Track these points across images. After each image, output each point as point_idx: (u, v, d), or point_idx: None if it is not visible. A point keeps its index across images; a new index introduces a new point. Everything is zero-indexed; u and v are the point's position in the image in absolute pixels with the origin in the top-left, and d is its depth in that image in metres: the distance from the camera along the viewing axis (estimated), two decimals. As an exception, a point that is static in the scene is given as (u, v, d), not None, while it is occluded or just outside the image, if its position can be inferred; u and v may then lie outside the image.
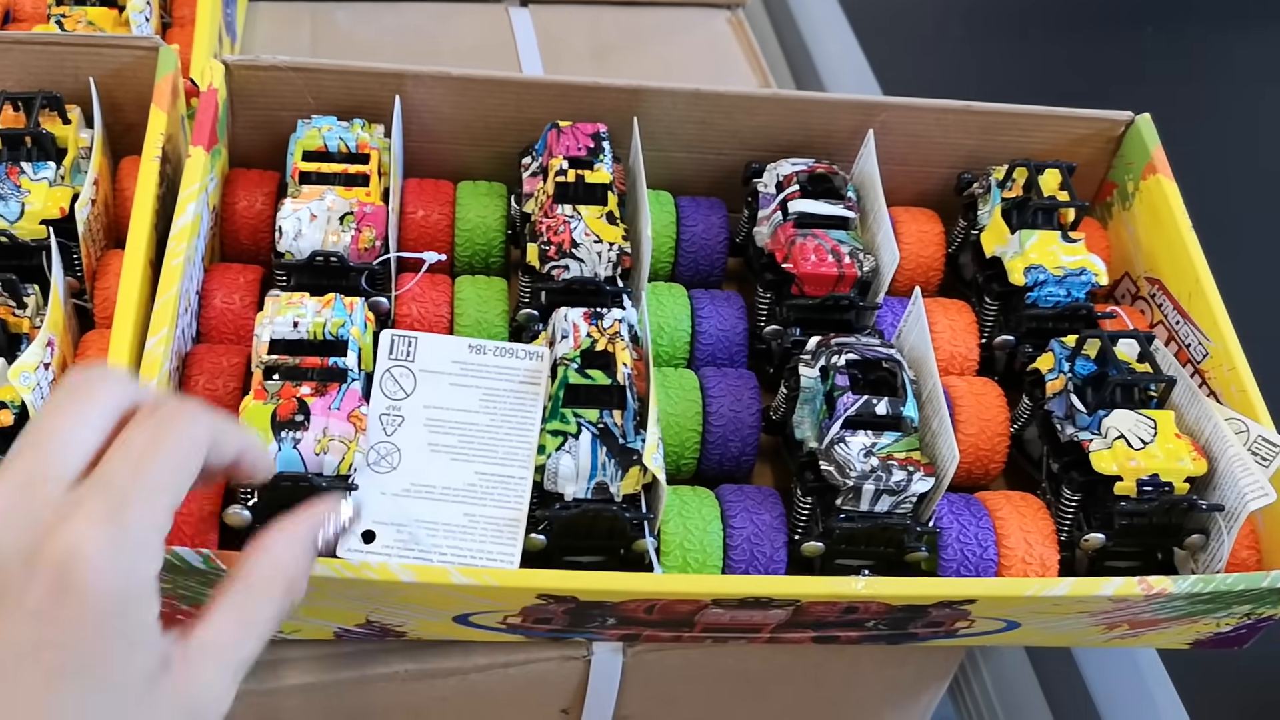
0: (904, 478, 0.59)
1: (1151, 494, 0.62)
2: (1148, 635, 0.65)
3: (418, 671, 0.62)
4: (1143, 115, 0.78)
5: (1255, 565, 0.64)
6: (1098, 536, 0.63)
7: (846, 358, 0.62)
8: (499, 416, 0.59)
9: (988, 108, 0.77)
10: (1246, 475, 0.61)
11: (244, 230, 0.71)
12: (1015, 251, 0.72)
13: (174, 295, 0.59)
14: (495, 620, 0.58)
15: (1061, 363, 0.67)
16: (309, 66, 0.71)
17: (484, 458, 0.58)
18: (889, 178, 0.79)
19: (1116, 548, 0.64)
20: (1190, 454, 0.62)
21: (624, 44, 1.06)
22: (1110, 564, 0.65)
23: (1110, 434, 0.63)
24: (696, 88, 0.74)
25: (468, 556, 0.56)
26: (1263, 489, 0.60)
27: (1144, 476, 0.62)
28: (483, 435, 0.59)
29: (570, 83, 0.74)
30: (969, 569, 0.62)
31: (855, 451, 0.60)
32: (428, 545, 0.56)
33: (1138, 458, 0.62)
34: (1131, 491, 0.62)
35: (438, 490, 0.58)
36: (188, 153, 0.64)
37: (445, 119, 0.74)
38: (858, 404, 0.61)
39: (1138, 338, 0.66)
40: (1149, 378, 0.65)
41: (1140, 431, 0.63)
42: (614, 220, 0.68)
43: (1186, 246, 0.72)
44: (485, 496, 0.58)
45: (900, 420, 0.61)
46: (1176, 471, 0.62)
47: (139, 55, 0.70)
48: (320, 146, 0.68)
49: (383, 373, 0.60)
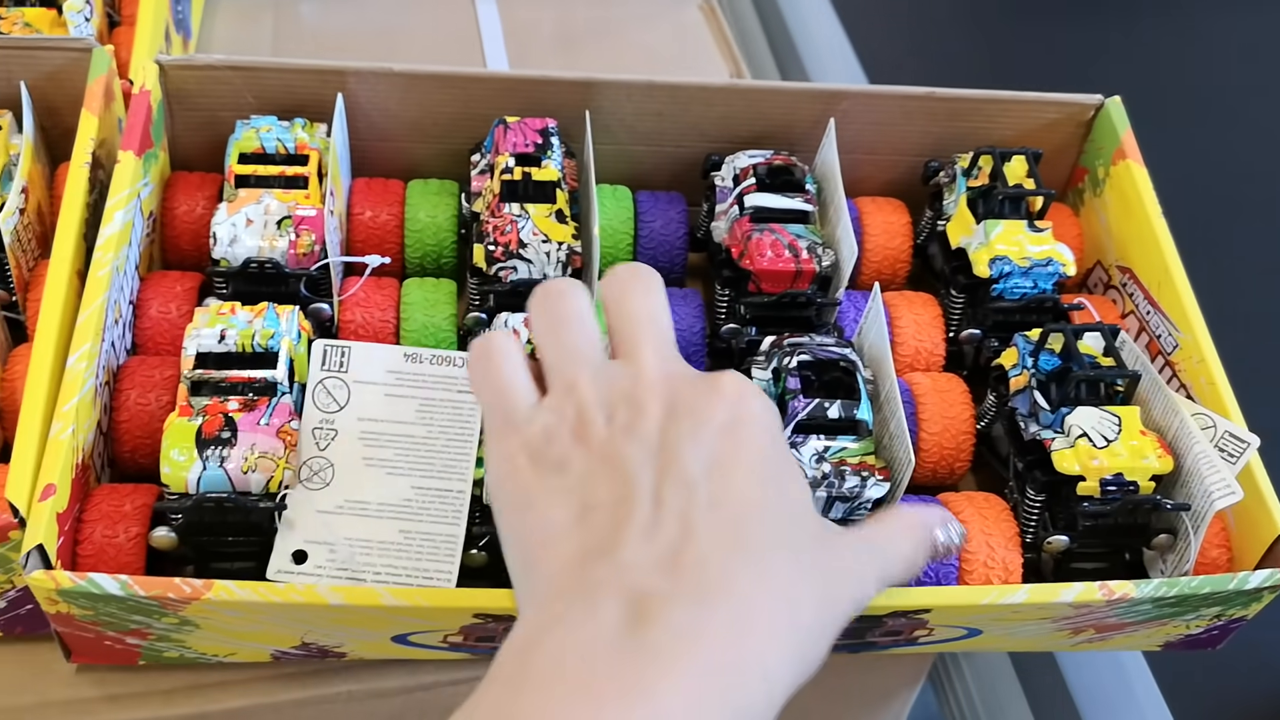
0: (857, 484, 0.57)
1: (1115, 494, 0.60)
2: (1116, 639, 0.63)
3: (361, 692, 0.60)
4: (1113, 98, 0.76)
5: (1226, 565, 0.62)
6: (1061, 538, 0.61)
7: (799, 359, 0.60)
8: (436, 428, 0.57)
9: (952, 94, 0.75)
10: (1213, 473, 0.59)
11: (185, 236, 0.69)
12: (980, 242, 0.69)
13: (99, 307, 0.57)
14: (436, 639, 0.56)
15: (1025, 358, 0.64)
16: (247, 65, 0.69)
17: (421, 471, 0.56)
18: (855, 167, 0.77)
19: (1082, 549, 0.62)
20: (1156, 451, 0.60)
21: (592, 34, 1.03)
22: (1076, 566, 0.63)
23: (1073, 432, 0.61)
24: (651, 79, 0.72)
25: (403, 575, 0.54)
26: (1229, 487, 0.58)
27: (1107, 476, 0.60)
28: (419, 448, 0.57)
29: (520, 76, 0.71)
30: (929, 576, 0.60)
31: (807, 457, 0.58)
32: (361, 565, 0.54)
33: (1101, 456, 0.60)
34: (1095, 491, 0.60)
35: (373, 506, 0.56)
36: (117, 158, 0.62)
37: (393, 116, 0.72)
38: (809, 407, 0.58)
39: (1102, 331, 0.64)
40: (1113, 373, 0.62)
41: (1104, 429, 0.61)
42: (563, 218, 0.65)
43: (1156, 234, 0.70)
44: (422, 512, 0.56)
45: (855, 424, 0.59)
46: (1141, 470, 0.60)
47: (73, 57, 0.68)
48: (258, 148, 0.66)
49: (315, 385, 0.58)
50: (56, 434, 0.52)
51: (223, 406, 0.55)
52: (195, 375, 0.55)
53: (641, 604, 0.37)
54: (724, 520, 0.40)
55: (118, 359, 0.61)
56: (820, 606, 0.40)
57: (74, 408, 0.53)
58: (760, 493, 0.41)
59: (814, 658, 0.40)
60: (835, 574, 0.42)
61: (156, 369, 0.61)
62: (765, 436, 0.42)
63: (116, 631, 0.54)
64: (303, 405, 0.58)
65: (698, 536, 0.39)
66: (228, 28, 0.98)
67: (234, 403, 0.55)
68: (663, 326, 0.46)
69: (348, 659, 0.59)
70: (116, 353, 0.61)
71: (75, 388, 0.54)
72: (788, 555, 0.40)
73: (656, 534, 0.39)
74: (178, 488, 0.53)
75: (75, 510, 0.54)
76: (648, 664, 0.36)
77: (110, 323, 0.59)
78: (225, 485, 0.53)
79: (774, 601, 0.39)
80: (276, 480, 0.54)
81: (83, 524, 0.54)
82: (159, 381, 0.60)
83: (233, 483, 0.53)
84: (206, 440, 0.53)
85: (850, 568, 0.43)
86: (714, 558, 0.39)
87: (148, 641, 0.55)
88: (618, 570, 0.39)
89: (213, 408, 0.55)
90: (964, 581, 0.60)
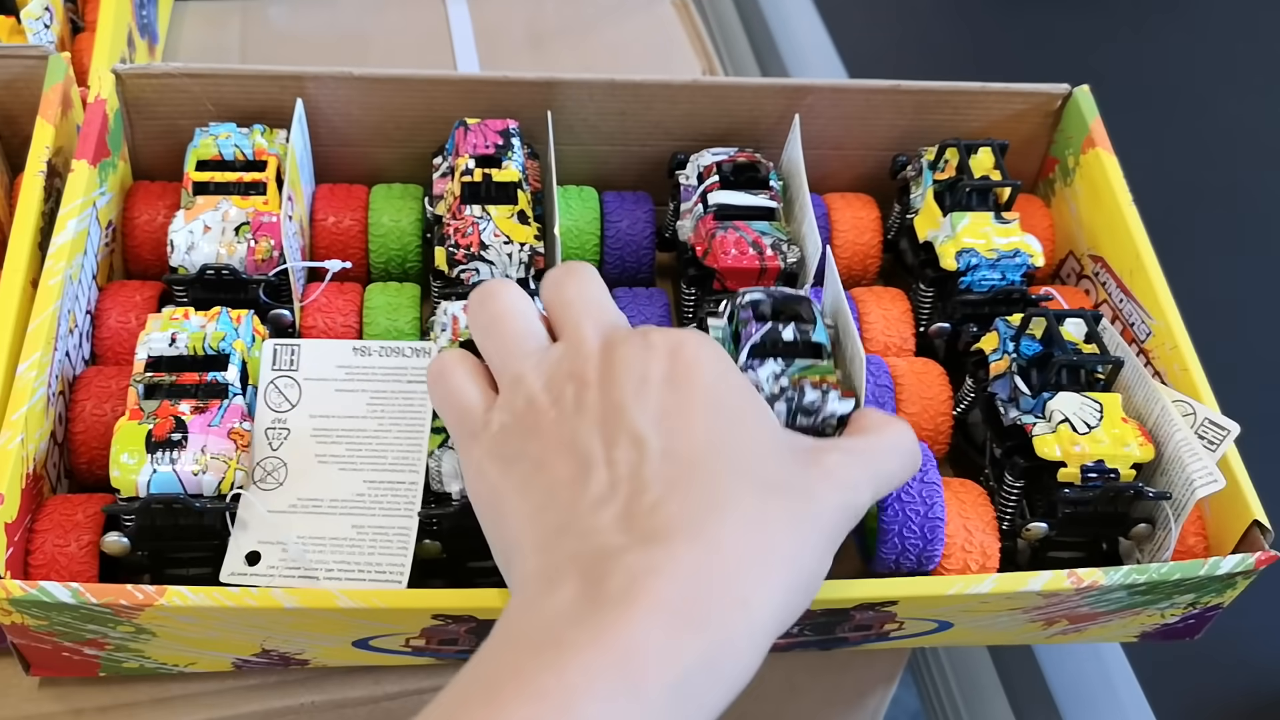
0: (817, 397, 0.53)
1: (1096, 481, 0.59)
2: (1091, 630, 0.62)
3: (325, 703, 0.59)
4: (1080, 87, 0.75)
5: (1203, 553, 0.62)
6: (1040, 525, 0.60)
7: (750, 298, 0.58)
8: (388, 420, 0.57)
9: (919, 86, 0.74)
10: (1195, 461, 0.58)
11: (146, 245, 0.68)
12: (947, 235, 0.69)
13: (50, 316, 0.56)
14: (398, 644, 0.56)
15: (1006, 343, 0.63)
16: (204, 72, 0.68)
17: (373, 465, 0.56)
18: (823, 162, 0.76)
19: (1060, 537, 0.61)
20: (1137, 439, 0.59)
21: (564, 32, 1.03)
22: (1053, 554, 0.62)
23: (1054, 417, 0.60)
24: (612, 78, 0.72)
25: (355, 571, 0.54)
26: (1211, 475, 0.57)
27: (1089, 462, 0.59)
28: (371, 441, 0.56)
29: (481, 78, 0.71)
30: (909, 559, 0.58)
31: (764, 377, 0.54)
32: (313, 563, 0.54)
33: (1082, 442, 0.59)
34: (1076, 478, 0.59)
35: (325, 504, 0.55)
36: (71, 167, 0.62)
37: (355, 121, 0.72)
38: (762, 331, 0.55)
39: (1085, 317, 0.63)
40: (1095, 359, 0.61)
41: (1085, 415, 0.60)
42: (525, 219, 0.65)
43: (1127, 222, 0.70)
44: (374, 505, 0.55)
45: (812, 347, 0.56)
46: (1123, 458, 0.59)
47: (30, 65, 0.68)
48: (216, 155, 0.66)
49: (267, 385, 0.57)
50: (4, 443, 0.52)
51: (174, 409, 0.54)
52: (145, 379, 0.55)
53: (599, 565, 0.38)
54: (678, 466, 0.40)
55: (74, 369, 0.60)
56: (803, 527, 0.41)
57: (23, 417, 0.53)
58: (715, 433, 0.42)
59: (807, 580, 0.40)
60: (819, 489, 0.42)
61: (113, 379, 0.60)
62: (712, 377, 0.43)
63: (73, 642, 0.53)
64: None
65: (650, 487, 0.40)
66: (195, 32, 0.97)
67: (185, 405, 0.54)
68: (596, 301, 0.46)
69: (311, 666, 0.58)
70: (72, 362, 0.60)
71: (24, 397, 0.54)
72: (754, 485, 0.41)
73: (612, 496, 0.40)
74: (128, 491, 0.53)
75: (26, 521, 0.53)
76: (605, 613, 0.36)
77: (64, 332, 0.58)
78: (176, 487, 0.53)
79: (742, 533, 0.39)
80: (228, 482, 0.53)
81: (34, 534, 0.54)
82: (115, 391, 0.59)
83: (184, 484, 0.53)
84: (157, 442, 0.53)
85: (838, 477, 0.43)
86: (669, 502, 0.39)
87: (106, 652, 0.54)
88: (581, 540, 0.39)
89: (163, 410, 0.54)
90: (942, 567, 0.59)
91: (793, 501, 0.41)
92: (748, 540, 0.39)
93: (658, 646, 0.36)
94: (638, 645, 0.36)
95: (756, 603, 0.38)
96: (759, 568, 0.39)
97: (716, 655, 0.37)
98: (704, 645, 0.36)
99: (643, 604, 0.36)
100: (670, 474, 0.40)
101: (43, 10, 0.75)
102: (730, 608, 0.37)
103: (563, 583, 0.38)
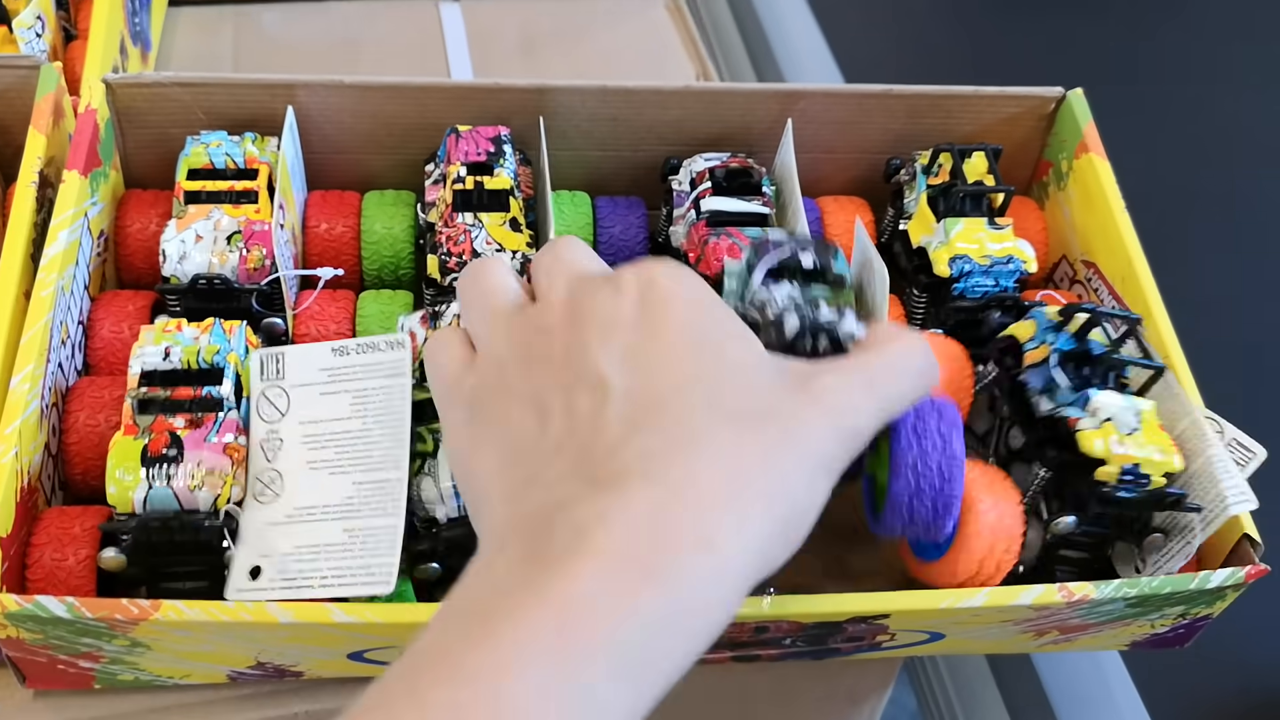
0: (834, 315, 0.50)
1: (1130, 484, 0.57)
2: (1081, 640, 0.62)
3: (319, 712, 0.59)
4: (1074, 91, 0.75)
5: (1194, 566, 0.61)
6: (1069, 520, 0.58)
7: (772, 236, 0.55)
8: (371, 418, 0.56)
9: (911, 90, 0.74)
10: (1228, 477, 0.57)
11: (138, 254, 0.68)
12: (941, 241, 0.69)
13: (43, 328, 0.56)
14: (392, 656, 0.56)
15: (1045, 333, 0.62)
16: (196, 81, 0.68)
17: (361, 466, 0.56)
18: (815, 166, 0.76)
19: (1080, 536, 0.60)
20: (1173, 449, 0.58)
21: (557, 37, 1.03)
22: (1064, 553, 0.61)
23: (1099, 414, 0.58)
24: (605, 84, 0.72)
25: (347, 575, 0.53)
26: (1244, 493, 0.57)
27: (1128, 465, 0.57)
28: (357, 442, 0.56)
29: (473, 85, 0.71)
30: (915, 530, 0.52)
31: (779, 296, 0.51)
32: (308, 572, 0.54)
33: (1126, 443, 0.57)
34: (1113, 478, 0.57)
35: (319, 510, 0.55)
36: (63, 177, 0.62)
37: (346, 129, 0.72)
38: (782, 255, 0.53)
39: (1128, 319, 0.62)
40: (1140, 362, 0.60)
41: (1127, 417, 0.59)
42: (518, 227, 0.65)
43: (1119, 228, 0.70)
44: (363, 506, 0.55)
45: (833, 275, 0.53)
46: (1158, 465, 0.57)
47: (22, 75, 0.68)
48: (207, 164, 0.66)
49: (257, 396, 0.57)
50: (-1, 457, 0.52)
51: (169, 424, 0.54)
52: (140, 394, 0.55)
53: (546, 519, 0.36)
54: (640, 405, 0.38)
55: (67, 380, 0.60)
56: (784, 456, 0.38)
57: (16, 430, 0.53)
58: (687, 366, 0.39)
59: (794, 513, 0.38)
60: (807, 414, 0.39)
61: (106, 389, 0.60)
62: (685, 307, 0.41)
63: (68, 655, 0.53)
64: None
65: (608, 430, 0.37)
66: (188, 39, 0.97)
67: (180, 420, 0.54)
68: (574, 260, 0.45)
69: (306, 678, 0.58)
70: (65, 374, 0.60)
71: (18, 410, 0.54)
72: (730, 418, 0.38)
73: (569, 444, 0.38)
74: (124, 508, 0.53)
75: (22, 534, 0.53)
76: (544, 574, 0.33)
77: (57, 343, 0.58)
78: (172, 503, 0.53)
79: (710, 469, 0.36)
80: (224, 497, 0.53)
81: (31, 547, 0.54)
82: (109, 402, 0.59)
83: (180, 501, 0.53)
84: (152, 458, 0.53)
85: (829, 401, 0.40)
86: (629, 445, 0.37)
87: (101, 665, 0.55)
88: (541, 493, 0.37)
89: (158, 425, 0.54)
90: (968, 546, 0.56)
91: (774, 430, 0.38)
92: (714, 476, 0.36)
93: (605, 604, 0.32)
94: (579, 606, 0.32)
95: (724, 543, 0.35)
96: (727, 505, 0.35)
97: (677, 607, 0.33)
98: (661, 597, 0.33)
99: (587, 558, 0.33)
100: (632, 414, 0.37)
101: (35, 19, 0.75)
102: (692, 551, 0.34)
103: (509, 543, 0.36)
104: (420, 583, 0.56)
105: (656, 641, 0.33)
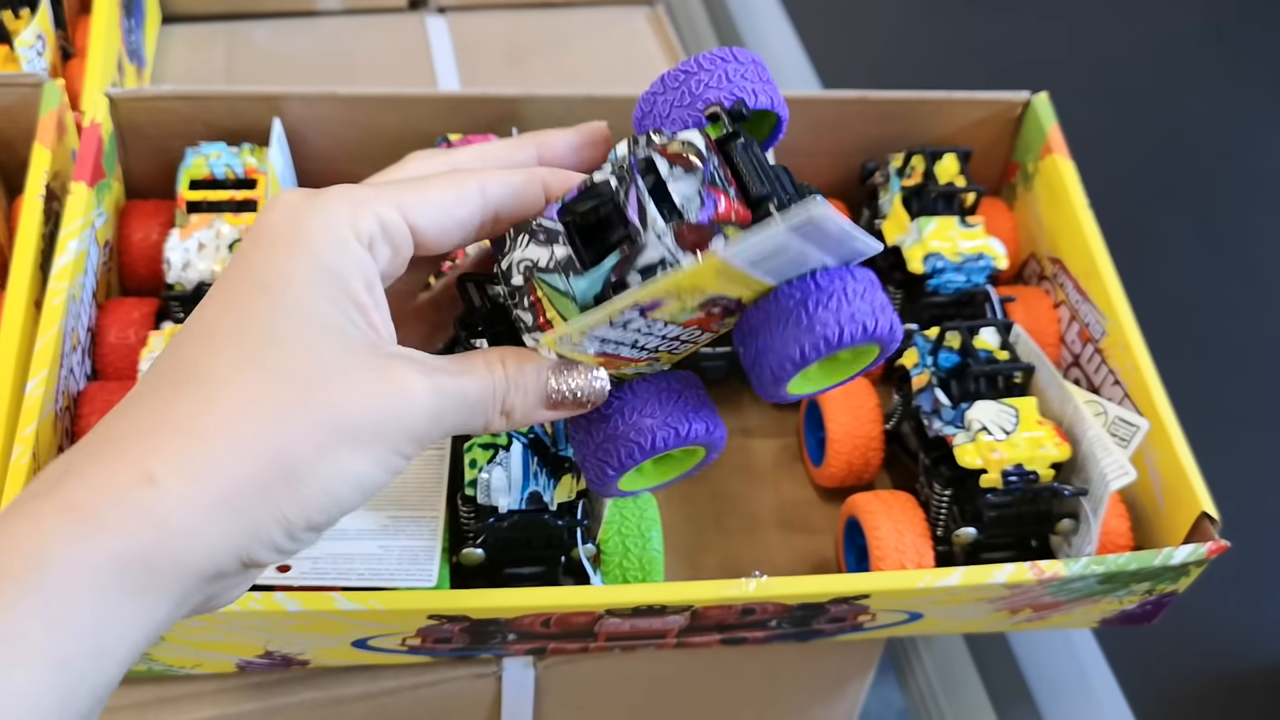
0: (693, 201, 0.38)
1: (1016, 484, 0.62)
2: (1054, 618, 0.65)
3: (325, 699, 0.62)
4: (1039, 94, 0.78)
5: (1127, 532, 0.65)
6: (969, 531, 0.63)
7: None
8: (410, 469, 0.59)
9: (885, 96, 0.77)
10: (1107, 456, 0.61)
11: (141, 263, 0.71)
12: (914, 239, 0.72)
13: (55, 335, 0.59)
14: (395, 643, 0.58)
15: (925, 357, 0.66)
16: (193, 94, 0.71)
17: (394, 506, 0.58)
18: (793, 169, 0.77)
19: (990, 539, 0.65)
20: (1054, 440, 0.62)
21: (542, 47, 1.05)
22: (985, 556, 0.65)
23: (973, 426, 0.63)
24: (590, 92, 0.74)
25: (384, 575, 0.56)
26: (1123, 468, 0.61)
27: (1008, 467, 0.62)
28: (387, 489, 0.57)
29: (460, 95, 0.74)
30: None
31: None
32: (343, 570, 0.56)
33: (1000, 449, 0.62)
34: (997, 483, 0.62)
35: (351, 531, 0.57)
36: (69, 189, 0.64)
37: (337, 139, 0.74)
38: None
39: (997, 325, 0.66)
40: (1009, 366, 0.65)
41: (1002, 421, 0.63)
42: (508, 232, 0.67)
43: (1082, 227, 0.73)
44: (400, 532, 0.57)
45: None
46: (1040, 459, 0.62)
47: (25, 92, 0.70)
48: (208, 174, 0.68)
49: None
50: (16, 459, 0.54)
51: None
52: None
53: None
54: (170, 358, 0.35)
55: (77, 385, 0.63)
56: (283, 439, 0.34)
57: (33, 433, 0.55)
58: (211, 320, 0.35)
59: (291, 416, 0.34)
60: (326, 400, 0.34)
61: (115, 393, 0.62)
62: (256, 244, 0.36)
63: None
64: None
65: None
66: (181, 55, 0.99)
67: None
68: None
69: (311, 666, 0.61)
70: (76, 379, 0.62)
71: (34, 413, 0.56)
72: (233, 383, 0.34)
73: None
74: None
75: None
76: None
77: (68, 350, 0.61)
78: None
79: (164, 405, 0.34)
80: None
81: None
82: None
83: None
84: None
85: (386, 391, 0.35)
86: (131, 401, 0.35)
87: (115, 657, 0.57)
88: None
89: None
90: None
91: (271, 414, 0.34)
92: (162, 411, 0.33)
93: (58, 557, 0.31)
94: (36, 558, 0.30)
95: (166, 477, 0.32)
96: (163, 436, 0.33)
97: (135, 549, 0.31)
98: (116, 543, 0.31)
99: (45, 511, 0.31)
100: (159, 367, 0.35)
101: (35, 38, 0.77)
102: (132, 488, 0.32)
103: None
104: (460, 567, 0.59)
105: (129, 580, 0.32)
